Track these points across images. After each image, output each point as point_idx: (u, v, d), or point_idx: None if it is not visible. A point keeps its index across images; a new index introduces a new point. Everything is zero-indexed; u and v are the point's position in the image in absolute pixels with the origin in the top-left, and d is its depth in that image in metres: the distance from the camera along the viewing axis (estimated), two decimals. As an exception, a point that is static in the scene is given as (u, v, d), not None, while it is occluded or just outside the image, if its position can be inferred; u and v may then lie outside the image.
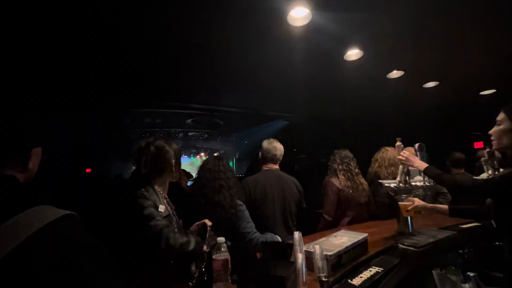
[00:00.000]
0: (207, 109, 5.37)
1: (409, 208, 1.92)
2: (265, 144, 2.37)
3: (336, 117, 5.47)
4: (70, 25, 2.25)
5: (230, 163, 17.59)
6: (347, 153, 2.77)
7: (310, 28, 2.25)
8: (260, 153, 2.41)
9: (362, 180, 2.75)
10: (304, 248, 1.37)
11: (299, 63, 2.80)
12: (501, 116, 1.39)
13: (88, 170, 10.18)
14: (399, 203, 2.02)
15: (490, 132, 1.43)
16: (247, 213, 1.84)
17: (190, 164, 17.01)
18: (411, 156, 1.85)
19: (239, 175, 7.12)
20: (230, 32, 2.31)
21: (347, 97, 4.17)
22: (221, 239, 1.16)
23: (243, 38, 2.43)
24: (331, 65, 2.95)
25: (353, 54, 2.73)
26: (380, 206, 2.74)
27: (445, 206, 1.87)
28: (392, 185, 2.06)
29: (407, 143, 2.04)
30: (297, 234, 1.38)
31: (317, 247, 1.32)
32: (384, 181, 2.16)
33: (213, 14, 2.04)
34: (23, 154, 0.82)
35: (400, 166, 2.03)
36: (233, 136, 13.98)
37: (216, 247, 1.14)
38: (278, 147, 2.34)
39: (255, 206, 2.13)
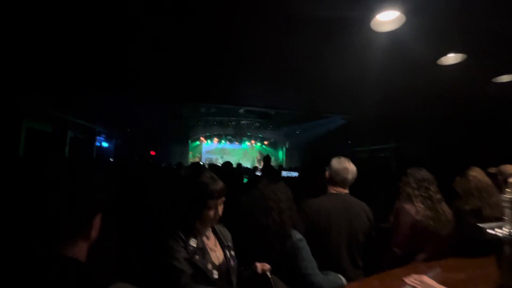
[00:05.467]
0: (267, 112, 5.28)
1: None
2: (335, 164, 2.10)
3: (409, 121, 4.81)
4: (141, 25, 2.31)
5: (279, 153, 17.57)
6: (424, 174, 2.31)
7: (399, 32, 1.86)
8: (327, 173, 2.16)
9: (445, 208, 2.29)
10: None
11: (380, 67, 2.42)
12: None
13: (152, 153, 11.25)
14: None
15: None
16: (308, 249, 1.62)
17: (242, 151, 17.50)
18: None
19: (289, 172, 6.89)
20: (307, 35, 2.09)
21: (433, 103, 3.56)
22: None
23: (317, 40, 2.18)
24: (418, 69, 2.47)
25: (451, 57, 2.21)
26: (468, 242, 2.27)
27: None
28: (499, 232, 1.63)
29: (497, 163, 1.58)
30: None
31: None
32: (485, 225, 1.72)
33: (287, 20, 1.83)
34: (87, 225, 0.70)
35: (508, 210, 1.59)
36: (285, 125, 13.79)
37: None
38: (350, 169, 2.06)
39: (317, 235, 1.92)
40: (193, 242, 1.31)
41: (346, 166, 2.06)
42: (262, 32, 2.14)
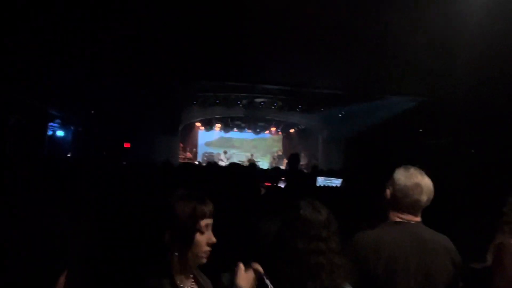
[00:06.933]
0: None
1: None
2: (401, 177, 2.05)
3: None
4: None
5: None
6: None
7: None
8: (388, 192, 2.14)
9: None
10: None
11: (478, 29, 2.36)
12: None
13: (127, 145, 11.48)
14: None
15: None
16: None
17: (258, 143, 17.57)
18: None
19: (328, 178, 6.80)
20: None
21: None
22: None
23: None
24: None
25: None
26: None
27: None
28: None
29: None
30: None
31: None
32: None
33: None
34: None
35: None
36: (321, 106, 13.69)
37: None
38: (424, 187, 2.00)
39: (375, 285, 1.94)
40: None
41: (418, 182, 2.00)
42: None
